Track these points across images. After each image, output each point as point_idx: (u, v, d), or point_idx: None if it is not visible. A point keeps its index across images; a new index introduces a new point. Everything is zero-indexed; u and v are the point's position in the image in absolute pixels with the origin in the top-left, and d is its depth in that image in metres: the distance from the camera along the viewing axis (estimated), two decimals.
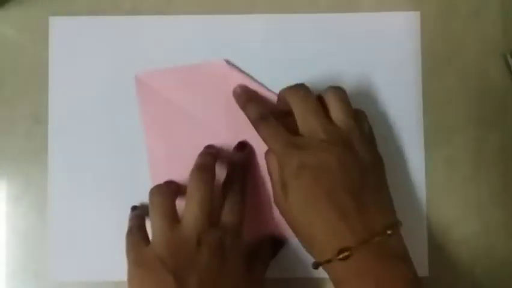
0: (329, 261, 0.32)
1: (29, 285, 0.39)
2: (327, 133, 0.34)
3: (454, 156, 0.40)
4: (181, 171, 0.38)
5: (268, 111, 0.36)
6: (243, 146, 0.39)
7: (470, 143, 0.40)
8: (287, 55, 0.40)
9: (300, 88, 0.36)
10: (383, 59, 0.40)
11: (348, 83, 0.40)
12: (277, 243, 0.39)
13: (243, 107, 0.38)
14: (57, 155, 0.40)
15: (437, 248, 0.39)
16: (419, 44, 0.40)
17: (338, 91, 0.36)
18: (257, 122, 0.36)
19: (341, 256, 0.31)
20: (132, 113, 0.40)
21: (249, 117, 0.37)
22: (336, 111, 0.35)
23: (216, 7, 0.40)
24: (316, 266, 0.33)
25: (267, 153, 0.36)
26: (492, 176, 0.40)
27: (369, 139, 0.36)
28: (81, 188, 0.39)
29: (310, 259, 0.39)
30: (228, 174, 0.38)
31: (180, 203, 0.35)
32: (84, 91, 0.40)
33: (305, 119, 0.34)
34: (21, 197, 0.40)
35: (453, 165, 0.40)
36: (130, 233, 0.36)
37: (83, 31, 0.40)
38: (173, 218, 0.34)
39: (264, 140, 0.35)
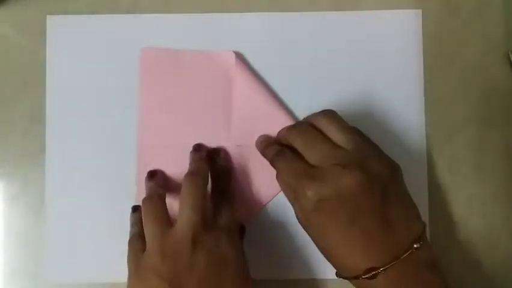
0: (356, 277, 0.32)
1: (26, 286, 0.39)
2: (337, 157, 0.32)
3: (456, 155, 0.39)
4: (169, 154, 0.38)
5: (285, 149, 0.35)
6: (217, 154, 0.39)
7: (472, 142, 0.40)
8: (287, 54, 0.40)
9: (296, 125, 0.36)
10: (384, 58, 0.40)
11: (349, 81, 0.39)
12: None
13: (263, 152, 0.37)
14: (55, 155, 0.39)
15: (440, 248, 0.39)
16: (421, 42, 0.40)
17: (331, 114, 0.35)
18: (273, 159, 0.35)
19: (368, 275, 0.31)
20: (130, 113, 0.39)
21: (268, 159, 0.36)
22: (336, 135, 0.34)
23: (215, 5, 0.40)
24: (339, 277, 0.33)
25: (278, 179, 0.35)
26: (495, 175, 0.39)
27: (376, 151, 0.34)
28: (79, 188, 0.39)
29: (310, 260, 0.39)
30: (213, 180, 0.38)
31: (170, 203, 0.35)
32: (82, 91, 0.40)
33: (311, 151, 0.33)
34: (18, 197, 0.39)
35: (455, 165, 0.39)
36: (131, 241, 0.36)
37: (81, 30, 0.40)
38: (165, 222, 0.34)
39: (280, 174, 0.34)
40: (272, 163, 0.35)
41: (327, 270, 0.39)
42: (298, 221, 0.34)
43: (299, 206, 0.33)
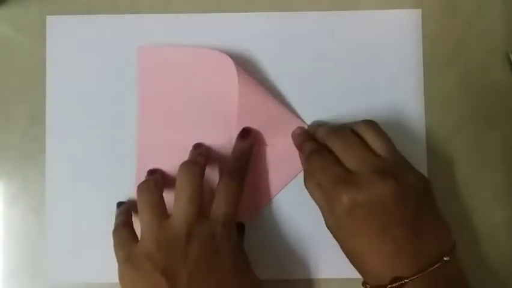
0: (382, 286, 0.31)
1: (26, 286, 0.39)
2: (374, 165, 0.33)
3: (456, 155, 0.39)
4: (169, 154, 0.38)
5: (323, 148, 0.35)
6: (247, 133, 0.38)
7: (472, 142, 0.39)
8: (287, 53, 0.40)
9: (336, 128, 0.36)
10: (384, 57, 0.40)
11: (349, 81, 0.39)
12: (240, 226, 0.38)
13: (299, 146, 0.37)
14: (55, 155, 0.39)
15: None
16: (421, 42, 0.40)
17: (372, 123, 0.36)
18: (309, 156, 0.35)
19: (395, 285, 0.31)
20: (130, 113, 0.39)
21: (303, 154, 0.36)
22: (376, 143, 0.34)
23: (215, 5, 0.40)
24: (366, 286, 0.33)
25: (307, 181, 0.35)
26: (495, 175, 0.39)
27: (409, 164, 0.35)
28: (79, 188, 0.39)
29: (310, 260, 0.39)
30: (229, 162, 0.37)
31: (167, 197, 0.35)
32: (82, 91, 0.40)
33: (348, 155, 0.34)
34: (18, 197, 0.39)
35: (455, 165, 0.39)
36: (116, 231, 0.36)
37: (81, 30, 0.40)
38: (162, 213, 0.34)
39: (313, 173, 0.34)
40: (307, 160, 0.35)
41: (327, 270, 0.39)
42: (326, 224, 0.34)
43: (330, 209, 0.33)
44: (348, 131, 0.35)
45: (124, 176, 0.39)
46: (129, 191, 0.39)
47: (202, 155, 0.37)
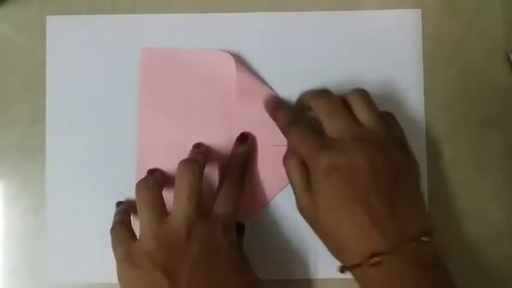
0: (358, 265, 0.31)
1: (26, 286, 0.39)
2: (356, 134, 0.33)
3: (456, 155, 0.39)
4: (169, 154, 0.38)
5: (298, 117, 0.36)
6: (245, 138, 0.38)
7: (472, 142, 0.39)
8: (287, 54, 0.40)
9: (323, 92, 0.36)
10: (384, 57, 0.40)
11: (349, 81, 0.39)
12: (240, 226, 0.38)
13: (272, 114, 0.38)
14: (55, 155, 0.39)
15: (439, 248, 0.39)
16: (420, 42, 0.40)
17: (363, 93, 0.35)
18: (286, 127, 0.36)
19: (372, 261, 0.30)
20: (130, 113, 0.39)
21: (278, 124, 0.37)
22: (363, 113, 0.34)
23: (215, 5, 0.40)
24: (343, 269, 0.33)
25: (286, 158, 0.35)
26: (495, 175, 0.39)
27: (400, 142, 0.35)
28: (79, 188, 0.39)
29: (310, 260, 0.39)
30: (228, 165, 0.38)
31: (167, 195, 0.35)
32: (82, 91, 0.40)
33: (332, 122, 0.34)
34: (18, 197, 0.39)
35: (455, 165, 0.39)
36: (114, 229, 0.36)
37: (81, 30, 0.40)
38: (161, 211, 0.34)
39: (293, 144, 0.35)
40: (286, 133, 0.36)
41: (326, 270, 0.39)
42: (300, 204, 0.34)
43: (304, 177, 0.33)
44: (337, 97, 0.35)
45: (124, 176, 0.39)
46: (129, 191, 0.39)
47: (201, 153, 0.37)
